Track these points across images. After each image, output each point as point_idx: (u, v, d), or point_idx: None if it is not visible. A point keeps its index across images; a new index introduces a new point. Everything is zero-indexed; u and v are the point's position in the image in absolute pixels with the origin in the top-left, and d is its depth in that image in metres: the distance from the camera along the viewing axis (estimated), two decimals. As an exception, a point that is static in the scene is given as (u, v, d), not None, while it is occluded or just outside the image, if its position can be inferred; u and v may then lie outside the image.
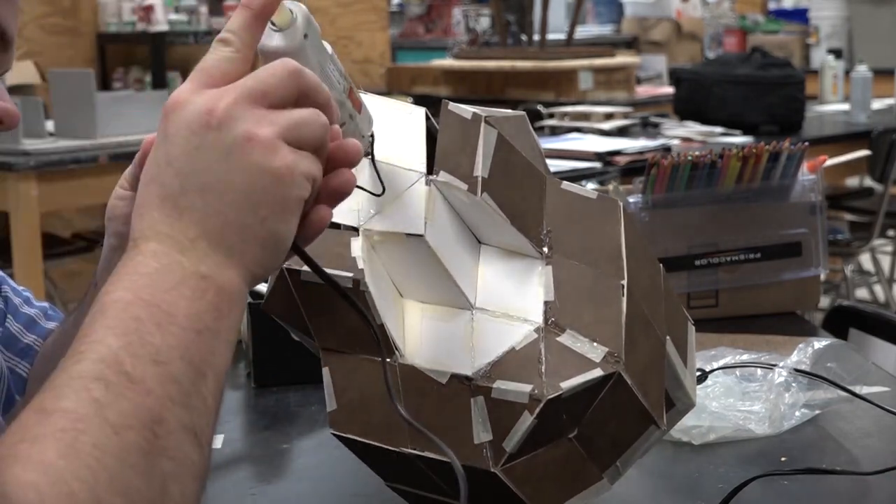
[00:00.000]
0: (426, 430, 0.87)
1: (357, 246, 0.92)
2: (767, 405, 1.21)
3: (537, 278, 0.93)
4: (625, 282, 0.91)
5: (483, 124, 0.94)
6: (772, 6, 9.00)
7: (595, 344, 0.88)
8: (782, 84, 4.16)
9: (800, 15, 8.29)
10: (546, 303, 0.91)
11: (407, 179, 0.95)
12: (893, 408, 1.22)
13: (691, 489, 1.10)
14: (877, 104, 4.92)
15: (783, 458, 1.15)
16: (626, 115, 4.36)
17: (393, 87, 5.90)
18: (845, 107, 4.96)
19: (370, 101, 1.00)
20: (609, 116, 4.26)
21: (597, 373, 0.87)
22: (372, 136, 0.85)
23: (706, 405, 1.20)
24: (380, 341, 0.88)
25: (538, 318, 0.90)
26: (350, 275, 0.90)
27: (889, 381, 1.36)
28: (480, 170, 0.93)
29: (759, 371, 1.27)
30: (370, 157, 0.87)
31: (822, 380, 1.24)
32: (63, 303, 4.60)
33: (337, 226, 0.95)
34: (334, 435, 0.92)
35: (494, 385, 0.87)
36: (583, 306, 0.91)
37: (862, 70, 4.81)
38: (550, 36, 5.93)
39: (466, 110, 0.95)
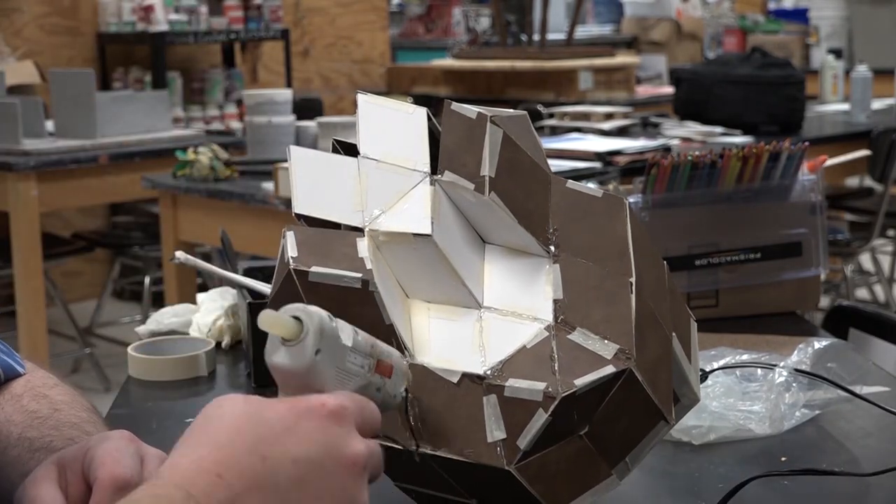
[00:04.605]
0: (437, 429, 0.88)
1: (363, 246, 0.93)
2: (767, 405, 1.21)
3: (545, 277, 0.93)
4: (633, 279, 0.91)
5: (489, 124, 0.94)
6: (772, 6, 9.00)
7: (606, 341, 0.89)
8: (782, 84, 4.16)
9: (800, 15, 8.29)
10: (555, 301, 0.91)
11: (411, 180, 0.96)
12: (893, 408, 1.22)
13: (691, 489, 1.10)
14: (877, 104, 4.92)
15: (783, 458, 1.15)
16: (626, 115, 4.36)
17: (393, 87, 5.90)
18: (845, 107, 4.96)
19: (370, 102, 1.00)
20: (609, 116, 4.26)
21: (609, 370, 0.87)
22: (406, 391, 0.84)
23: (706, 405, 1.20)
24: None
25: (548, 317, 0.91)
26: (359, 275, 0.90)
27: (889, 381, 1.36)
28: (487, 169, 0.93)
29: (759, 371, 1.27)
30: (406, 413, 0.87)
31: (822, 380, 1.24)
32: (63, 303, 4.60)
33: (340, 226, 0.95)
34: None
35: (507, 383, 0.88)
36: (592, 304, 0.91)
37: (862, 70, 4.81)
38: (550, 36, 5.93)
39: (471, 110, 0.96)
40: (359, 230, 0.95)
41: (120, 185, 4.05)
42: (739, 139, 3.98)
